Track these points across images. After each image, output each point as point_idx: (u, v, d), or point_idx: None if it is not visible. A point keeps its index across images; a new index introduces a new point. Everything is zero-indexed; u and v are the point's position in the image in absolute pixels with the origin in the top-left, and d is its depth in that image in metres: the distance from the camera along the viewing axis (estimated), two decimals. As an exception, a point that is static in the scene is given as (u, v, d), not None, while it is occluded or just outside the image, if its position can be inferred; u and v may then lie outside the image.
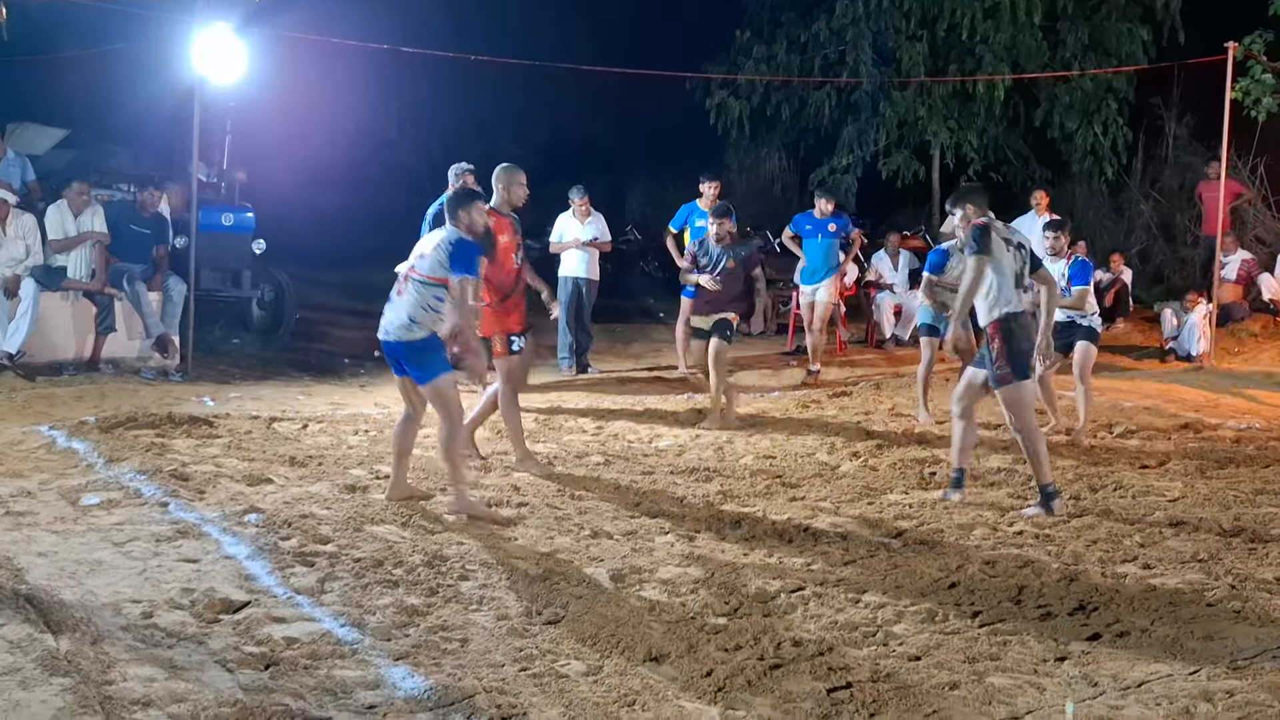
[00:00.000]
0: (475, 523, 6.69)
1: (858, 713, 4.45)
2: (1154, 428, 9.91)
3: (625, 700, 4.46)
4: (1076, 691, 4.71)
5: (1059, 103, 17.67)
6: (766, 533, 6.71)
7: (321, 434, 8.67)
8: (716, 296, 9.51)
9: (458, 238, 6.91)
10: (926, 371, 9.95)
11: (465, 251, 6.86)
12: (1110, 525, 7.02)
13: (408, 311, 6.86)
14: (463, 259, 6.83)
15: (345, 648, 4.87)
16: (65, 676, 4.40)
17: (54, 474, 7.28)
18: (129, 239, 11.16)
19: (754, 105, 18.44)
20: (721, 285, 9.49)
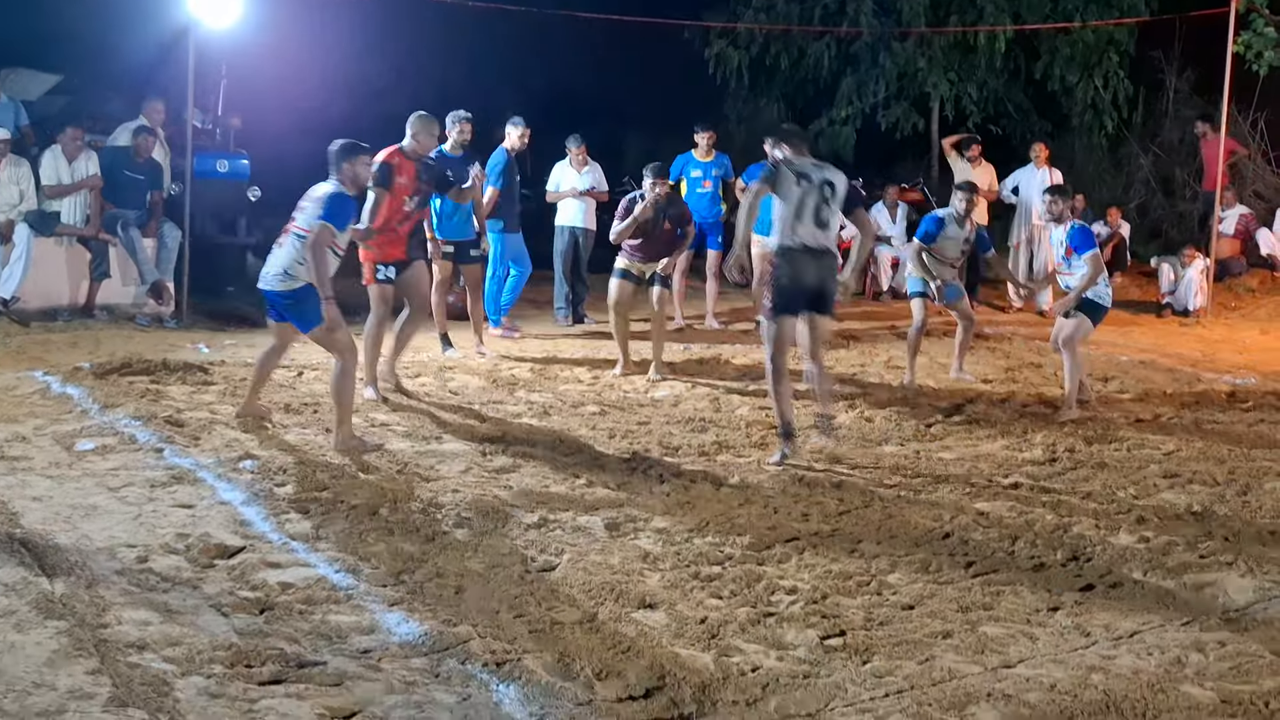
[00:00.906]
0: (352, 454, 6.86)
1: (850, 660, 4.47)
2: (1150, 382, 9.92)
3: (619, 646, 4.48)
4: (1069, 641, 4.73)
5: (1060, 55, 17.54)
6: (761, 483, 6.72)
7: (316, 381, 8.65)
8: (654, 247, 9.51)
9: (335, 193, 7.09)
10: (917, 334, 9.66)
11: (338, 206, 7.05)
12: (1105, 477, 7.03)
13: (283, 264, 7.04)
14: (334, 209, 7.02)
15: (340, 593, 4.88)
16: (60, 620, 4.41)
17: (49, 419, 7.27)
18: (123, 185, 11.09)
19: (753, 55, 18.29)
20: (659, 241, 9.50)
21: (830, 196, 7.11)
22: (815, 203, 7.06)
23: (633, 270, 9.55)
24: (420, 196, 8.56)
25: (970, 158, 14.01)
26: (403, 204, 8.37)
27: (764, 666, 4.40)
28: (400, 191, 8.34)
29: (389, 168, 8.24)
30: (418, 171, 8.47)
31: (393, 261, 8.39)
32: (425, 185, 8.58)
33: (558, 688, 4.11)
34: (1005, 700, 4.17)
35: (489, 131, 11.53)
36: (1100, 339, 11.75)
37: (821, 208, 7.08)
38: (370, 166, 7.44)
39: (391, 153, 8.40)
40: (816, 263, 7.12)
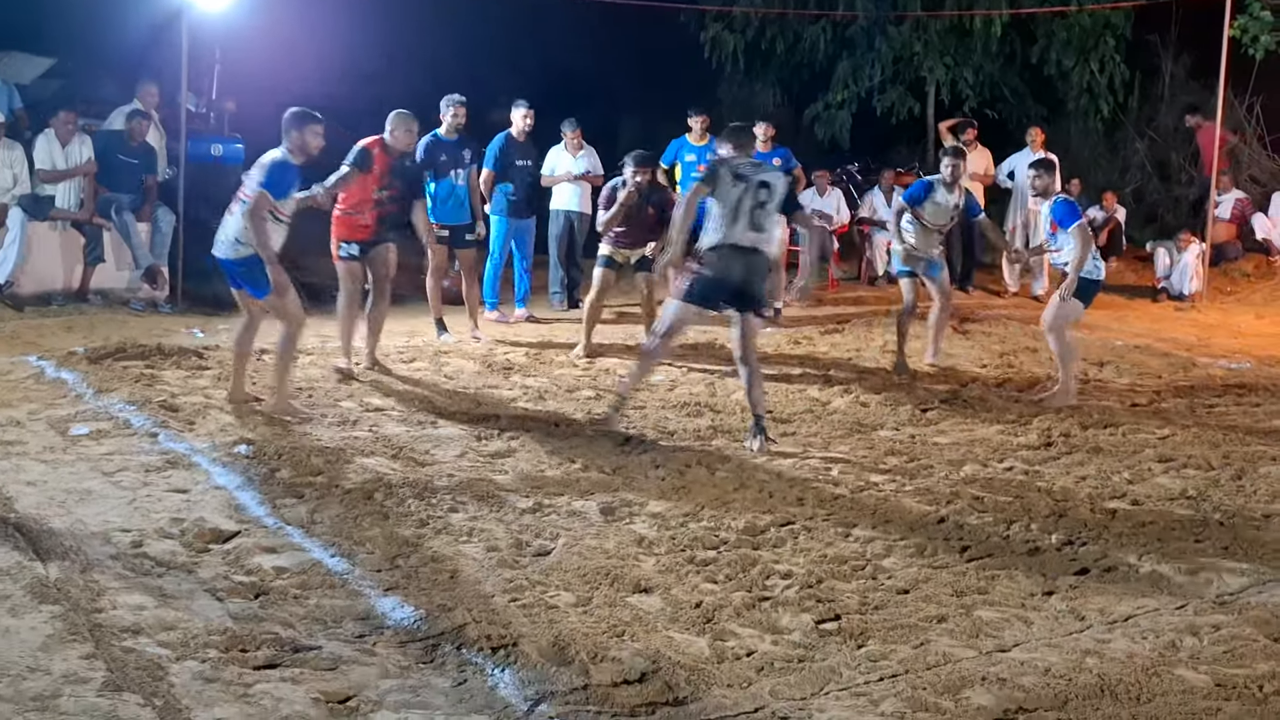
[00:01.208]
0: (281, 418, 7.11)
1: (845, 644, 4.48)
2: (1145, 366, 9.93)
3: (614, 631, 4.48)
4: (1063, 625, 4.74)
5: (1056, 39, 17.49)
6: (756, 467, 6.72)
7: (311, 366, 8.64)
8: (638, 234, 9.53)
9: (278, 160, 7.20)
10: (906, 316, 9.47)
11: (279, 172, 7.15)
12: (1100, 462, 7.04)
13: (233, 232, 7.17)
14: (273, 177, 7.11)
15: (335, 578, 4.88)
16: (55, 604, 4.41)
17: (43, 404, 7.25)
18: (118, 169, 11.05)
19: (748, 39, 18.24)
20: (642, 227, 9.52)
21: (767, 198, 7.11)
22: (751, 204, 7.07)
23: (616, 257, 9.58)
24: (390, 191, 8.64)
25: (966, 142, 13.97)
26: (371, 192, 8.50)
27: (759, 650, 4.40)
28: (371, 180, 8.47)
29: (367, 152, 8.44)
30: (392, 167, 8.61)
31: (356, 240, 8.54)
32: (397, 183, 8.68)
33: (553, 672, 4.11)
34: (1000, 684, 4.18)
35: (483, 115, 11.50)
36: (1095, 323, 11.77)
37: (756, 210, 7.08)
38: (319, 136, 7.43)
39: (373, 141, 8.56)
40: (744, 261, 7.10)
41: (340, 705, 3.85)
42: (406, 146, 8.73)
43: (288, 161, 7.25)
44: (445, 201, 9.94)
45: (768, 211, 7.11)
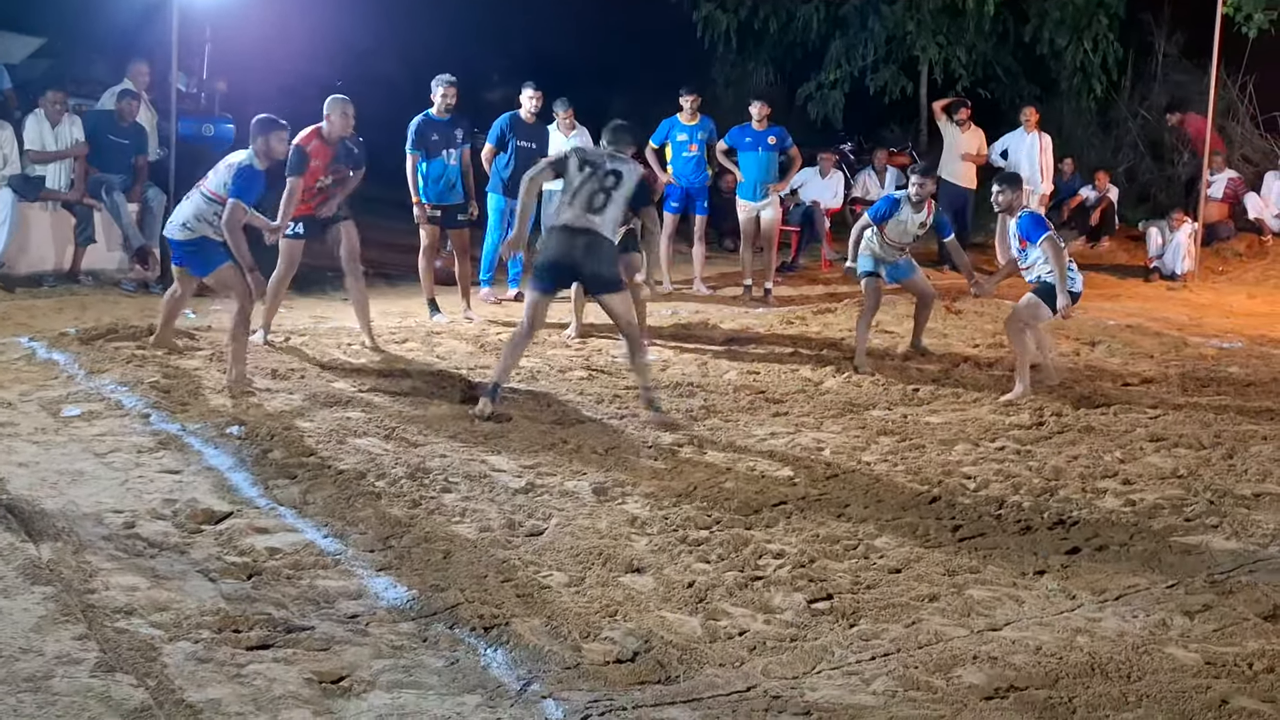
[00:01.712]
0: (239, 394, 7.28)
1: (838, 623, 4.49)
2: (1137, 346, 9.94)
3: (607, 610, 4.49)
4: (1055, 603, 4.76)
5: (1049, 18, 17.47)
6: (749, 447, 6.73)
7: (304, 347, 8.64)
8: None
9: (246, 164, 7.54)
10: (869, 316, 9.09)
11: (247, 178, 7.50)
12: (1091, 441, 7.05)
13: (184, 217, 7.62)
14: (242, 184, 7.46)
15: (328, 558, 4.88)
16: (47, 585, 4.41)
17: (34, 385, 7.24)
18: (108, 149, 11.00)
19: (741, 19, 18.21)
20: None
21: (613, 186, 7.16)
22: (593, 189, 7.15)
23: None
24: (335, 176, 8.70)
25: (959, 121, 13.98)
26: (315, 182, 8.56)
27: (751, 630, 4.41)
28: (314, 172, 8.51)
29: (301, 151, 8.37)
30: (336, 154, 8.63)
31: (301, 218, 8.59)
32: (341, 168, 8.72)
33: (545, 651, 4.12)
34: (991, 662, 4.19)
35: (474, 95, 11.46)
36: (1087, 303, 11.76)
37: (598, 195, 7.14)
38: (284, 143, 7.77)
39: (308, 135, 8.52)
40: (576, 241, 7.13)
41: (333, 685, 3.85)
42: (344, 131, 8.63)
43: (254, 167, 7.57)
44: (437, 182, 9.93)
45: (612, 199, 7.16)
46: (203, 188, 7.63)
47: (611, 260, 7.28)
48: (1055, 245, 7.97)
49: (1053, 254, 7.94)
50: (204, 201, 7.58)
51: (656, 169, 11.86)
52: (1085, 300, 11.26)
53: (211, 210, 7.54)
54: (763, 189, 11.77)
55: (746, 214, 11.91)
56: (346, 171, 8.80)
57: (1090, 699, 3.96)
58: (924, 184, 8.93)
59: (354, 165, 8.87)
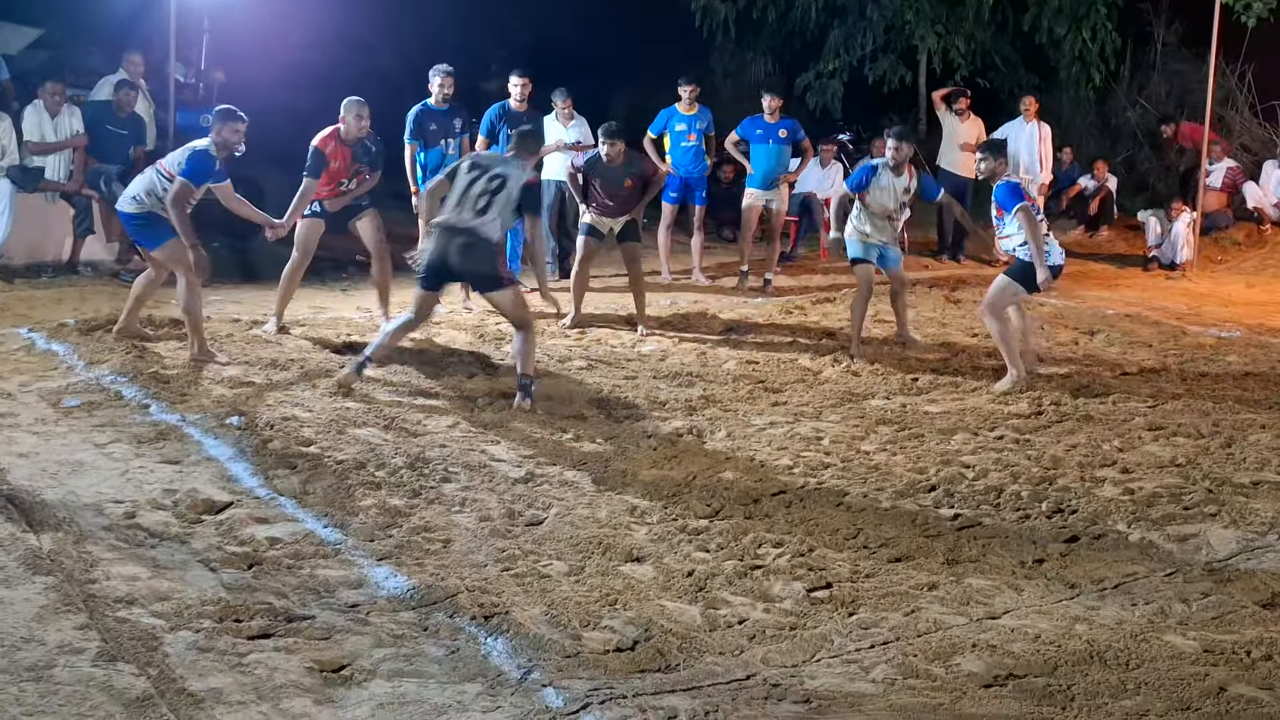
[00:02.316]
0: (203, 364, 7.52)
1: (837, 612, 4.51)
2: (1136, 335, 9.94)
3: (607, 599, 4.50)
4: (1054, 592, 4.77)
5: (1048, 7, 17.43)
6: (748, 437, 6.74)
7: (303, 337, 8.64)
8: (619, 205, 9.57)
9: (201, 150, 7.72)
10: (863, 303, 8.89)
11: (200, 163, 7.68)
12: (1090, 430, 7.06)
13: (134, 191, 7.83)
14: (194, 167, 7.65)
15: (328, 548, 4.90)
16: (48, 575, 4.42)
17: (34, 376, 7.25)
18: (106, 140, 11.00)
19: (739, 8, 18.18)
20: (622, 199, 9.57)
21: (497, 189, 7.23)
22: (479, 191, 7.22)
23: (599, 226, 9.60)
24: (357, 178, 8.80)
25: (959, 111, 13.96)
26: (337, 186, 8.68)
27: (751, 618, 4.43)
28: (334, 174, 8.63)
29: (320, 154, 8.54)
30: (355, 154, 8.71)
31: (322, 201, 8.72)
32: (362, 168, 8.79)
33: (545, 640, 4.14)
34: (990, 650, 4.21)
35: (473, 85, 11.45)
36: (1086, 292, 11.80)
37: (482, 197, 7.21)
38: (239, 135, 7.86)
39: (327, 137, 8.62)
40: (457, 240, 7.17)
41: (334, 674, 3.87)
42: (360, 133, 8.72)
43: (209, 154, 7.73)
44: (435, 171, 9.91)
45: (495, 201, 7.21)
46: (159, 165, 7.88)
47: (488, 259, 7.28)
48: (1030, 215, 7.83)
49: (1027, 224, 7.81)
50: (157, 177, 7.78)
51: (655, 159, 11.85)
52: (1084, 289, 11.30)
53: (161, 186, 7.72)
54: (773, 179, 11.78)
55: (753, 202, 11.90)
56: (367, 173, 8.87)
57: (1089, 687, 3.98)
58: (899, 147, 8.80)
59: (373, 165, 8.93)
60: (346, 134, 8.63)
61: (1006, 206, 7.95)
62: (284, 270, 8.79)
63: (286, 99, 15.32)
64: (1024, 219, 7.83)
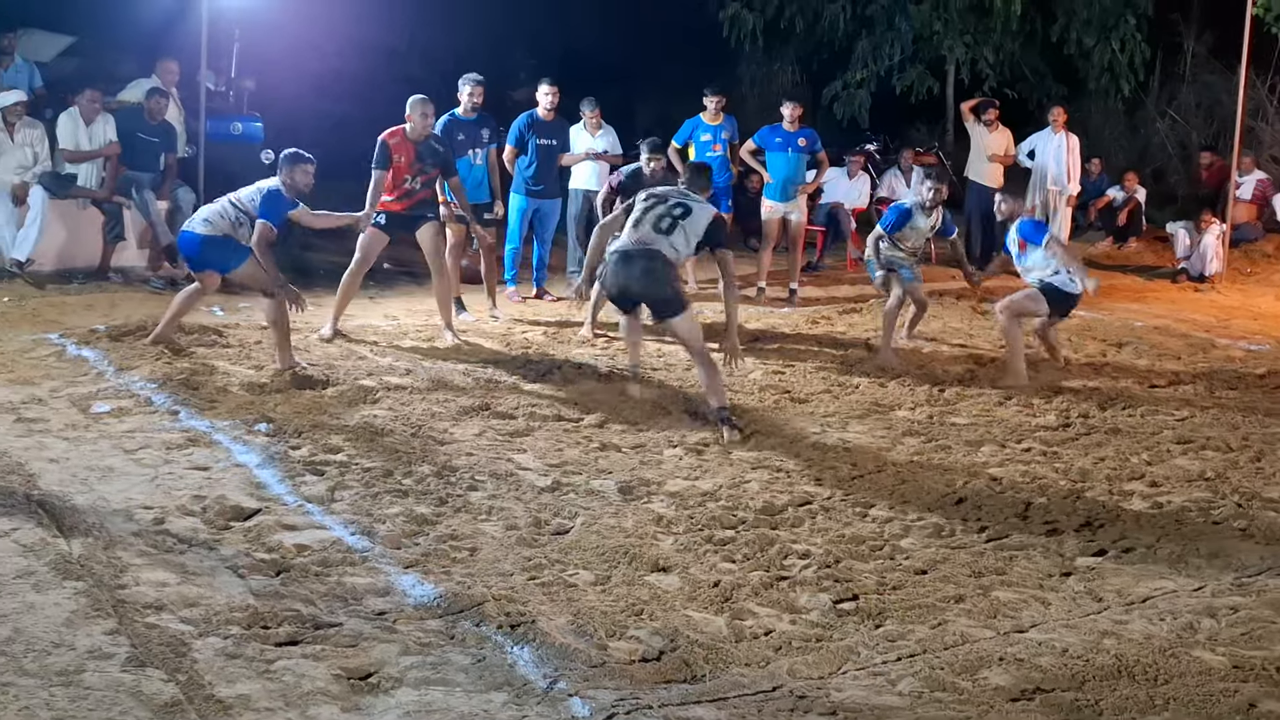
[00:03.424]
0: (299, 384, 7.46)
1: (863, 624, 4.50)
2: (1164, 347, 9.90)
3: (633, 609, 4.50)
4: (1081, 605, 4.75)
5: (1077, 18, 17.40)
6: (774, 447, 6.73)
7: (331, 344, 8.68)
8: None
9: (275, 190, 7.92)
10: (895, 306, 9.11)
11: (275, 203, 7.87)
12: (1118, 443, 7.03)
13: (205, 215, 8.00)
14: (269, 207, 7.84)
15: (355, 555, 4.91)
16: (78, 580, 4.45)
17: (65, 381, 7.30)
18: (137, 147, 11.07)
19: (767, 18, 18.19)
20: None
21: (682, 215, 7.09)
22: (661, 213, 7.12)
23: None
24: (422, 177, 8.89)
25: (987, 121, 13.93)
26: (403, 180, 8.77)
27: (777, 630, 4.42)
28: (399, 170, 8.74)
29: (386, 147, 8.73)
30: (419, 153, 8.81)
31: (385, 211, 8.82)
32: (427, 167, 8.90)
33: (571, 649, 4.14)
34: (1017, 664, 4.19)
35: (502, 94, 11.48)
36: (1114, 304, 11.74)
37: (665, 219, 7.10)
38: (309, 175, 8.02)
39: (393, 132, 8.77)
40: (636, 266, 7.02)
41: (361, 682, 3.88)
42: (424, 131, 8.84)
43: (281, 194, 7.93)
44: (463, 180, 9.95)
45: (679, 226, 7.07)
46: (232, 198, 8.01)
47: (667, 282, 7.04)
48: (1059, 243, 8.31)
49: (1061, 251, 8.33)
50: (230, 206, 7.94)
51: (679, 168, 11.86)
52: (1112, 301, 11.25)
53: (234, 214, 7.90)
54: (791, 190, 11.77)
55: (771, 214, 11.91)
56: (435, 173, 8.96)
57: (1117, 702, 3.96)
58: (938, 190, 9.05)
59: (441, 165, 9.01)
60: (412, 132, 8.76)
61: (1035, 240, 8.34)
62: (344, 275, 8.93)
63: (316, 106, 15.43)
64: (1058, 247, 8.32)
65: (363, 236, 8.88)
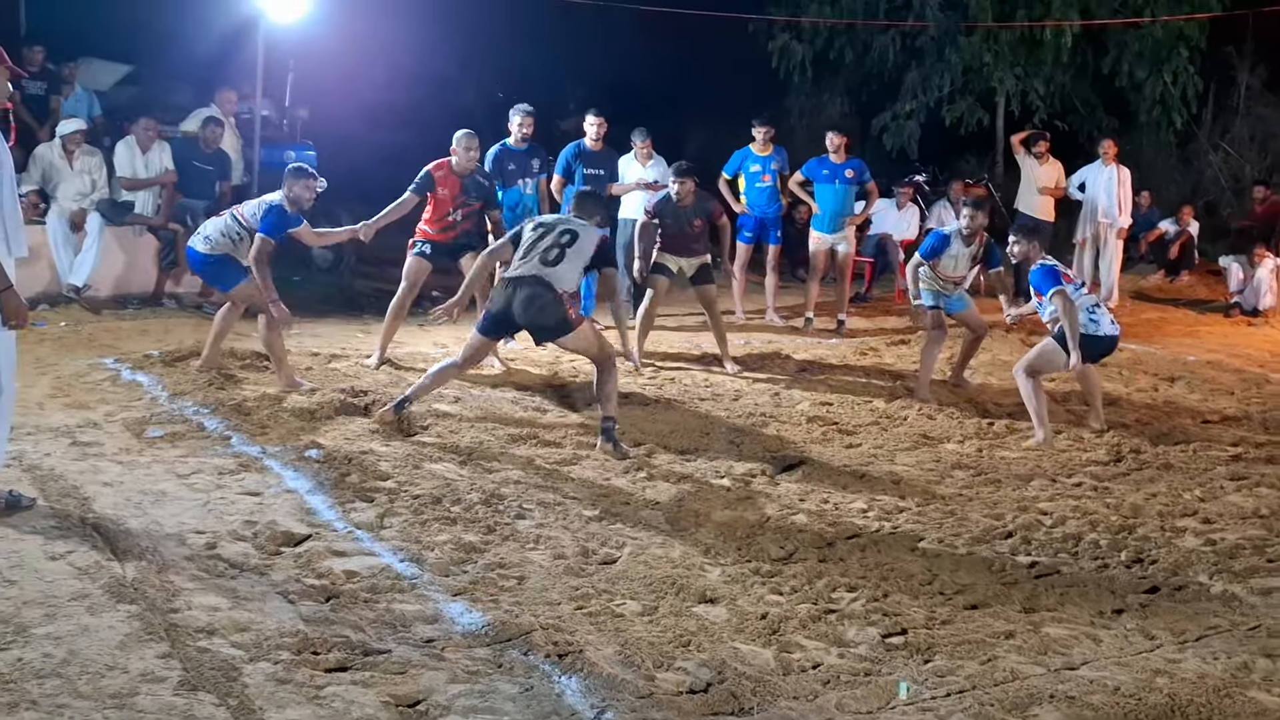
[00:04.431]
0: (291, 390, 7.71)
1: (912, 659, 4.47)
2: (1217, 382, 9.80)
3: (680, 640, 4.50)
4: (1133, 644, 4.70)
5: (1129, 50, 17.31)
6: (822, 479, 6.71)
7: (380, 371, 8.74)
8: (686, 244, 9.64)
9: (277, 204, 8.00)
10: (931, 345, 8.92)
11: (277, 216, 7.96)
12: (1170, 479, 6.96)
13: (208, 232, 8.12)
14: (270, 221, 7.93)
15: (404, 582, 4.93)
16: (132, 604, 4.49)
17: (119, 406, 7.38)
18: (192, 175, 11.23)
19: (817, 49, 18.23)
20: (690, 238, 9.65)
21: (568, 243, 7.19)
22: (549, 244, 7.21)
23: (671, 265, 9.63)
24: (465, 210, 8.95)
25: (1038, 154, 13.88)
26: (445, 213, 8.86)
27: (825, 663, 4.40)
28: (441, 202, 8.83)
29: (430, 177, 8.83)
30: (464, 186, 8.89)
31: (430, 240, 8.91)
32: (471, 200, 8.97)
33: (619, 680, 4.13)
34: (1068, 702, 4.15)
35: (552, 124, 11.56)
36: (1166, 339, 11.65)
37: (554, 249, 7.18)
38: (311, 190, 8.13)
39: (439, 164, 8.86)
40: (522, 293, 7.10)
41: (410, 709, 3.89)
42: (469, 165, 8.91)
43: (284, 209, 8.01)
44: (513, 209, 10.01)
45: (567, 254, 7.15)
46: (235, 211, 8.18)
47: (556, 310, 7.10)
48: (1065, 298, 7.69)
49: (1063, 307, 7.67)
50: (232, 221, 8.09)
51: (730, 199, 11.89)
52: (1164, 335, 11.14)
53: (235, 230, 8.05)
54: (839, 221, 11.78)
55: (819, 245, 11.92)
56: (477, 206, 9.04)
57: (1170, 741, 3.91)
58: (975, 216, 8.79)
59: (484, 198, 9.09)
60: (457, 165, 8.84)
61: (1042, 290, 7.82)
62: (391, 304, 8.99)
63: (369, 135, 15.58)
64: (1060, 302, 7.68)
65: (407, 265, 8.93)
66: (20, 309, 5.29)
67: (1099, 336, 7.82)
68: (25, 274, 8.66)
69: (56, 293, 10.57)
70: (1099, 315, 7.91)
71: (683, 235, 9.54)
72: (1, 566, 4.78)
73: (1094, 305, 7.96)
